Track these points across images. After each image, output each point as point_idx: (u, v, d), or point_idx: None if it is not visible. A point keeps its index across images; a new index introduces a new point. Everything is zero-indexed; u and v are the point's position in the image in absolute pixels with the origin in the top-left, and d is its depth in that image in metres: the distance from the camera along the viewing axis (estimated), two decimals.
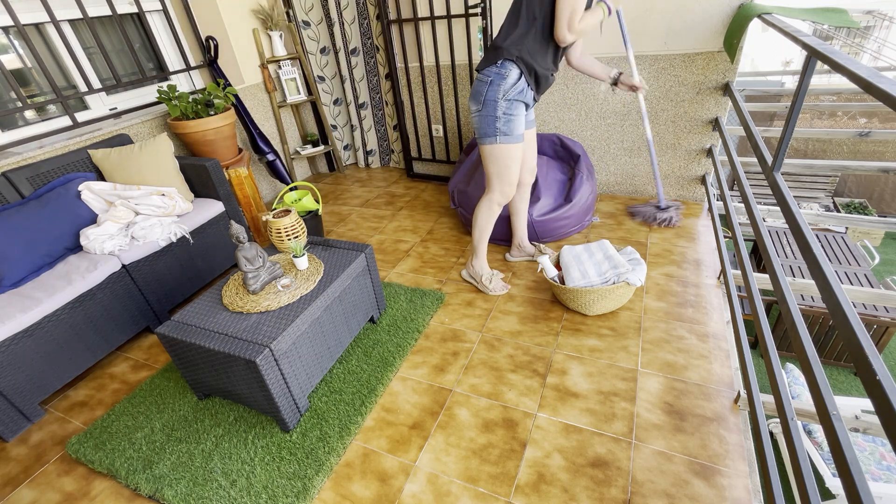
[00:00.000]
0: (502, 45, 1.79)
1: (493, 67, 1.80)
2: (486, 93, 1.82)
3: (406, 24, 3.14)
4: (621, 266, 1.99)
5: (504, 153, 1.93)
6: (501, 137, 1.88)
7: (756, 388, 1.39)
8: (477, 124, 1.92)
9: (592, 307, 2.01)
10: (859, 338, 0.82)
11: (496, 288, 2.25)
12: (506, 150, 1.92)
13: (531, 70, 1.80)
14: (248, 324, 1.59)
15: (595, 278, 1.98)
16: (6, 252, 1.87)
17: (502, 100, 1.82)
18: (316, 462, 1.51)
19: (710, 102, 2.57)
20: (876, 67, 2.71)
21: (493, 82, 1.81)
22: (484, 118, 1.87)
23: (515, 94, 1.82)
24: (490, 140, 1.90)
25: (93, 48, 2.68)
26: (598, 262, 2.06)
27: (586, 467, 1.43)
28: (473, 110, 1.91)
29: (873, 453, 2.43)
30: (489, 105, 1.84)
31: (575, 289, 1.96)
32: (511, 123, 1.86)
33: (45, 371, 1.82)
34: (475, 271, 2.29)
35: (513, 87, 1.81)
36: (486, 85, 1.82)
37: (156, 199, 2.25)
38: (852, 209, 5.93)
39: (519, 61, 1.78)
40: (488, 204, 2.10)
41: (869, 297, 1.87)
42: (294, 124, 3.82)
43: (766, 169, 1.49)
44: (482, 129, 1.90)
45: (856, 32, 8.47)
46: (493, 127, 1.87)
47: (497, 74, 1.80)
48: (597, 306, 2.00)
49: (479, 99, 1.85)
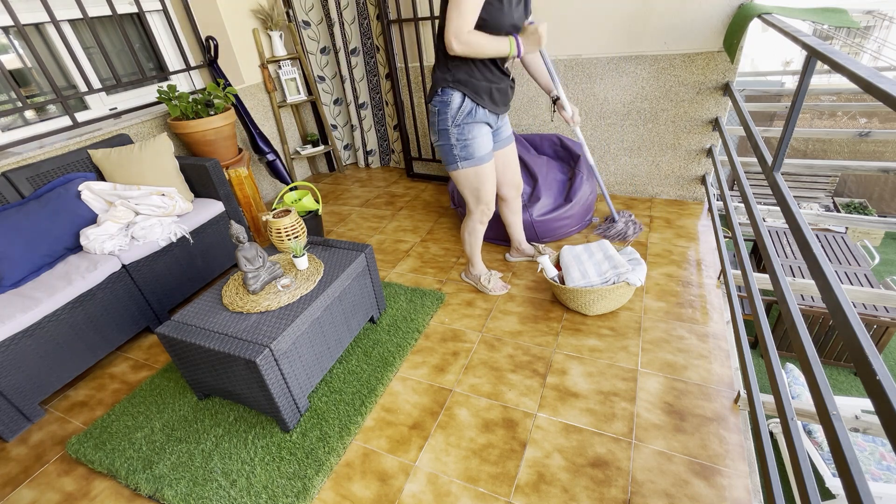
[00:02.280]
0: (435, 72, 1.74)
1: (436, 97, 1.75)
2: (437, 123, 1.78)
3: (406, 24, 3.14)
4: (621, 266, 1.99)
5: (471, 177, 1.88)
6: (463, 163, 1.84)
7: (756, 388, 1.39)
8: (439, 152, 1.89)
9: (592, 307, 2.01)
10: (859, 338, 0.82)
11: (495, 288, 2.24)
12: (472, 174, 1.87)
13: (476, 89, 1.71)
14: (248, 324, 1.59)
15: (595, 278, 1.98)
16: (6, 252, 1.87)
17: (453, 126, 1.76)
18: (316, 462, 1.51)
19: (710, 102, 2.57)
20: (876, 67, 2.71)
21: (439, 112, 1.76)
22: (442, 147, 1.84)
23: (464, 118, 1.74)
24: (453, 167, 1.86)
25: (93, 48, 2.68)
26: (598, 262, 2.06)
27: (586, 467, 1.43)
28: (433, 140, 1.87)
29: (873, 453, 2.43)
30: (442, 134, 1.80)
31: (575, 289, 1.96)
32: (469, 147, 1.80)
33: (45, 371, 1.82)
34: (473, 275, 2.30)
35: (459, 112, 1.73)
36: (434, 115, 1.78)
37: (156, 199, 2.25)
38: (852, 209, 5.93)
39: (457, 84, 1.69)
40: (471, 225, 2.09)
41: (869, 297, 1.87)
42: (294, 124, 3.82)
43: (766, 169, 1.49)
44: (444, 158, 1.87)
45: (856, 32, 8.46)
46: (451, 154, 1.83)
47: (441, 103, 1.74)
48: (597, 306, 2.00)
49: (434, 129, 1.82)
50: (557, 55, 2.76)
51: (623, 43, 2.59)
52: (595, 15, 2.57)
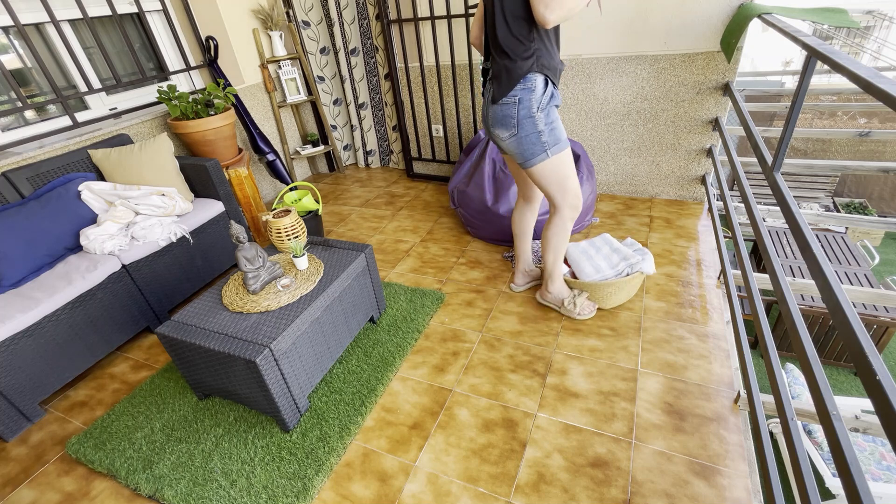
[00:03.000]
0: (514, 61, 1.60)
1: (518, 86, 1.62)
2: (519, 113, 1.65)
3: (406, 24, 3.14)
4: (631, 257, 2.01)
5: (558, 165, 1.73)
6: (552, 149, 1.70)
7: (756, 388, 1.39)
8: (516, 149, 1.71)
9: (609, 300, 2.01)
10: (859, 338, 0.82)
11: (584, 310, 2.00)
12: (559, 161, 1.73)
13: (555, 71, 1.64)
14: (248, 324, 1.59)
15: (609, 271, 1.99)
16: (6, 252, 1.87)
17: (539, 111, 1.65)
18: (316, 462, 1.51)
19: (710, 102, 2.57)
20: (876, 67, 2.71)
21: (520, 101, 1.63)
22: (524, 139, 1.68)
23: (548, 102, 1.66)
24: (541, 157, 1.70)
25: (93, 48, 2.68)
26: (606, 256, 2.07)
27: (586, 467, 1.43)
28: (505, 137, 1.71)
29: (873, 453, 2.43)
30: (525, 124, 1.66)
31: (593, 283, 1.97)
32: (556, 131, 1.70)
33: (45, 371, 1.82)
34: (554, 297, 2.06)
35: (544, 95, 1.65)
36: (514, 106, 1.64)
37: (156, 199, 2.25)
38: (852, 209, 5.93)
39: (541, 68, 1.61)
40: (560, 223, 1.88)
41: (869, 297, 1.87)
42: (294, 124, 3.82)
43: (766, 169, 1.49)
44: (526, 152, 1.70)
45: (856, 32, 8.46)
46: (538, 144, 1.68)
47: (523, 90, 1.62)
48: (613, 299, 2.01)
49: (510, 122, 1.67)
50: None
51: (623, 43, 2.59)
52: (595, 15, 2.57)
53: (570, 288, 2.07)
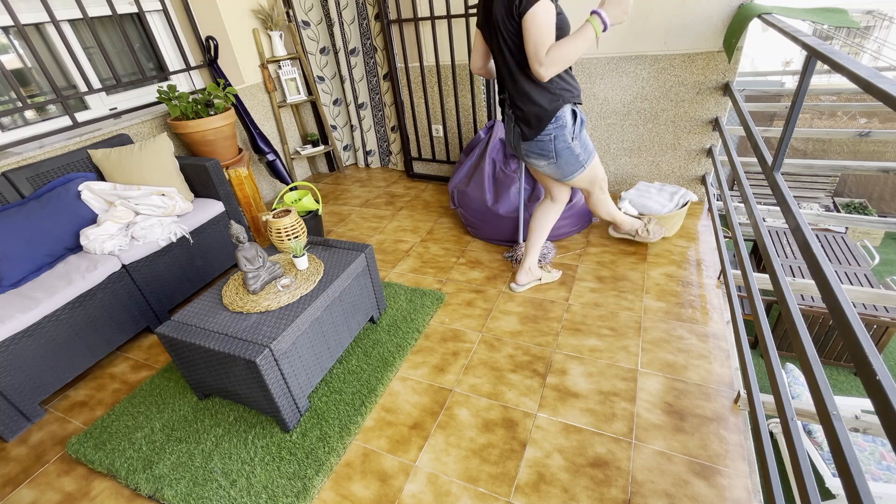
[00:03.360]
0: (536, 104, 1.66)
1: (550, 125, 1.69)
2: (556, 147, 1.74)
3: (406, 24, 3.14)
4: (678, 191, 2.51)
5: (592, 168, 1.88)
6: (588, 161, 1.83)
7: (756, 388, 1.39)
8: (555, 172, 1.85)
9: (675, 227, 2.52)
10: (859, 338, 0.82)
11: (656, 234, 2.34)
12: (592, 166, 1.87)
13: (575, 92, 1.71)
14: (248, 324, 1.59)
15: (670, 205, 2.45)
16: (6, 252, 1.87)
17: (574, 141, 1.74)
18: (316, 462, 1.51)
19: (710, 102, 2.57)
20: (876, 67, 2.71)
21: (556, 137, 1.71)
22: (562, 165, 1.80)
23: (579, 129, 1.75)
24: (579, 172, 1.84)
25: (93, 48, 2.68)
26: (658, 194, 2.51)
27: (586, 467, 1.43)
28: (542, 165, 1.82)
29: (873, 453, 2.43)
30: (563, 153, 1.76)
31: (668, 215, 2.42)
32: (588, 145, 1.82)
33: (45, 371, 1.82)
34: (627, 230, 2.38)
35: (574, 126, 1.73)
36: (550, 143, 1.73)
37: (156, 199, 2.25)
38: (852, 209, 5.93)
39: (563, 101, 1.67)
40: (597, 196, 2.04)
41: (869, 297, 1.87)
42: (294, 124, 3.82)
43: (766, 169, 1.49)
44: (565, 171, 1.83)
45: (856, 32, 8.46)
46: (577, 163, 1.81)
47: (556, 128, 1.69)
48: (676, 226, 2.52)
49: (548, 154, 1.77)
50: None
51: (623, 43, 2.59)
52: None
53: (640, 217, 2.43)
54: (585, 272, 2.34)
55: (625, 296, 2.14)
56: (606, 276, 2.29)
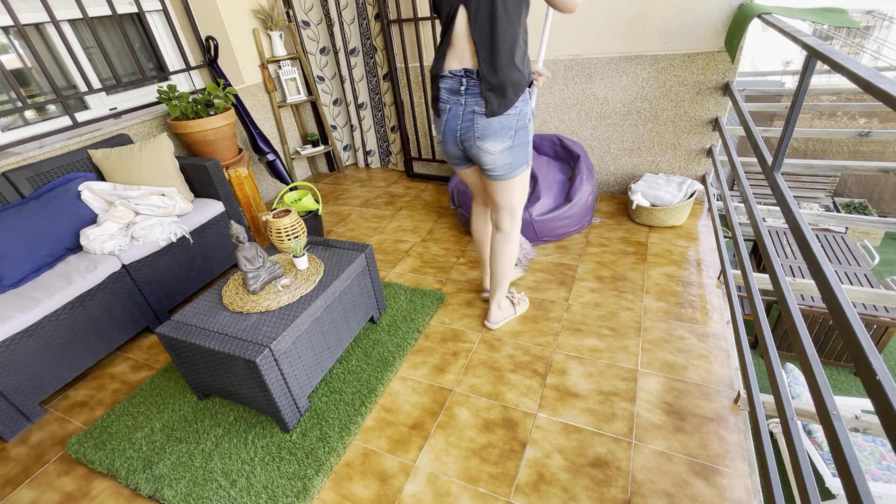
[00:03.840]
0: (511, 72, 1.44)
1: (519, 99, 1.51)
2: (518, 122, 1.53)
3: (406, 24, 3.14)
4: (685, 182, 2.65)
5: (527, 176, 1.70)
6: (530, 158, 1.65)
7: (756, 388, 1.39)
8: (507, 160, 1.58)
9: (683, 218, 2.64)
10: (859, 338, 0.82)
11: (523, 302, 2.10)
12: (527, 172, 1.69)
13: None
14: (248, 324, 1.59)
15: (680, 195, 2.58)
16: (6, 252, 1.87)
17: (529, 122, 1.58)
18: (316, 462, 1.51)
19: (710, 102, 2.57)
20: (876, 67, 2.71)
21: (521, 112, 1.53)
22: (516, 150, 1.58)
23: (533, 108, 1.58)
24: (523, 168, 1.64)
25: (93, 48, 2.68)
26: (667, 184, 2.64)
27: (586, 467, 1.43)
28: (498, 150, 1.55)
29: (873, 453, 2.43)
30: (521, 134, 1.56)
31: (679, 205, 2.55)
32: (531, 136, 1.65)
33: (45, 371, 1.82)
34: (504, 315, 2.04)
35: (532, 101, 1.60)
36: (514, 117, 1.52)
37: (156, 199, 2.25)
38: (852, 209, 5.93)
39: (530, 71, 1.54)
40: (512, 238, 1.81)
41: (869, 297, 1.87)
42: (294, 124, 3.82)
43: (766, 169, 1.49)
44: (515, 162, 1.60)
45: (856, 32, 8.46)
46: (526, 154, 1.61)
47: (522, 101, 1.53)
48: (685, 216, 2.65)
49: (508, 134, 1.53)
50: (557, 55, 2.76)
51: (623, 43, 2.59)
52: (595, 14, 2.57)
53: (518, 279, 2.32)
54: (585, 272, 2.34)
55: (625, 296, 2.14)
56: (606, 276, 2.30)
